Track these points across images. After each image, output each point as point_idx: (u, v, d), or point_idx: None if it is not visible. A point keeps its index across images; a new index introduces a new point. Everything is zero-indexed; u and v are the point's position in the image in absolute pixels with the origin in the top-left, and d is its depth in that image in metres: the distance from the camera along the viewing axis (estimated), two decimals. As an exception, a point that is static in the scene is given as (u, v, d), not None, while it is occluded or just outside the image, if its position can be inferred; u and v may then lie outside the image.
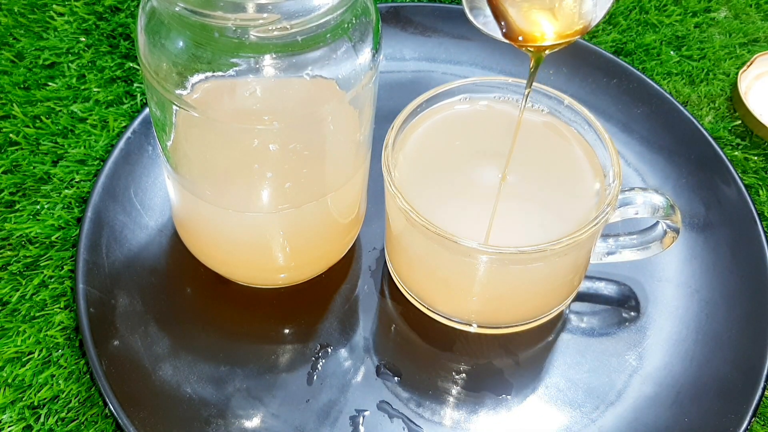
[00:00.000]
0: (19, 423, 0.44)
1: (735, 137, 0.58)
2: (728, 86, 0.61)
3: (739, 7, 0.66)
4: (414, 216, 0.41)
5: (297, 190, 0.42)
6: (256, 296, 0.48)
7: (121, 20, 0.63)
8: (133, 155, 0.52)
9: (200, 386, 0.44)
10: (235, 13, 0.34)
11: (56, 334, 0.47)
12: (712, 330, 0.47)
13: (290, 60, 0.36)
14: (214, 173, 0.42)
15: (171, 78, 0.37)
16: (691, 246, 0.50)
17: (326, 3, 0.35)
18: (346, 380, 0.45)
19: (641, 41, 0.63)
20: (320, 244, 0.46)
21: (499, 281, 0.43)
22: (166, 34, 0.37)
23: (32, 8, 0.63)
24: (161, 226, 0.50)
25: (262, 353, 0.46)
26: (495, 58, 0.59)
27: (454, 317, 0.46)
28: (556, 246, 0.40)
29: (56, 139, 0.56)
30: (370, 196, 0.49)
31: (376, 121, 0.44)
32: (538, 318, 0.47)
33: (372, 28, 0.39)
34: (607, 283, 0.49)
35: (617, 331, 0.47)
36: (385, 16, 0.60)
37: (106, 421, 0.44)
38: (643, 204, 0.44)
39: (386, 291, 0.49)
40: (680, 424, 0.44)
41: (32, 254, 0.50)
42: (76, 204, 0.52)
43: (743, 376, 0.45)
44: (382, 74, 0.57)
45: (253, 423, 0.43)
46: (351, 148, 0.42)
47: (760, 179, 0.55)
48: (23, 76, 0.59)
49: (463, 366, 0.46)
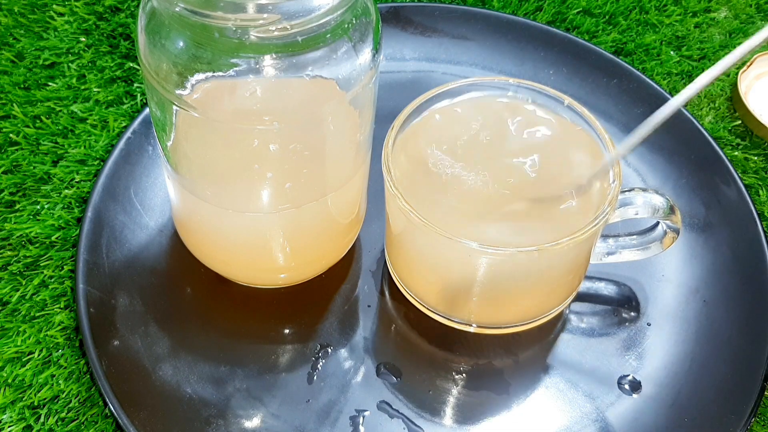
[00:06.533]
0: (19, 423, 0.44)
1: (735, 137, 0.58)
2: (728, 86, 0.61)
3: (739, 7, 0.66)
4: (414, 216, 0.41)
5: (297, 191, 0.42)
6: (256, 296, 0.48)
7: (121, 20, 0.63)
8: (133, 155, 0.52)
9: (200, 386, 0.44)
10: (235, 13, 0.34)
11: (56, 334, 0.47)
12: (712, 330, 0.47)
13: (290, 60, 0.36)
14: (214, 173, 0.42)
15: (171, 78, 0.37)
16: (691, 246, 0.50)
17: (326, 3, 0.35)
18: (346, 380, 0.45)
19: (641, 41, 0.63)
20: (320, 244, 0.46)
21: (499, 281, 0.43)
22: (167, 35, 0.37)
23: (32, 8, 0.63)
24: (161, 226, 0.50)
25: (262, 353, 0.46)
26: (495, 58, 0.59)
27: (454, 317, 0.46)
28: (556, 246, 0.40)
29: (56, 139, 0.55)
30: (370, 196, 0.49)
31: (376, 121, 0.44)
32: (538, 318, 0.47)
33: (372, 28, 0.39)
34: (607, 283, 0.49)
35: (617, 331, 0.47)
36: (385, 16, 0.60)
37: (106, 421, 0.44)
38: (643, 204, 0.44)
39: (386, 291, 0.49)
40: (680, 424, 0.44)
41: (32, 254, 0.50)
42: (76, 204, 0.52)
43: (743, 376, 0.45)
44: (382, 74, 0.57)
45: (253, 423, 0.43)
46: (351, 148, 0.42)
47: (760, 179, 0.55)
48: (23, 76, 0.59)
49: (463, 366, 0.46)
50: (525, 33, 0.60)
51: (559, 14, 0.64)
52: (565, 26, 0.64)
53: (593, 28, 0.64)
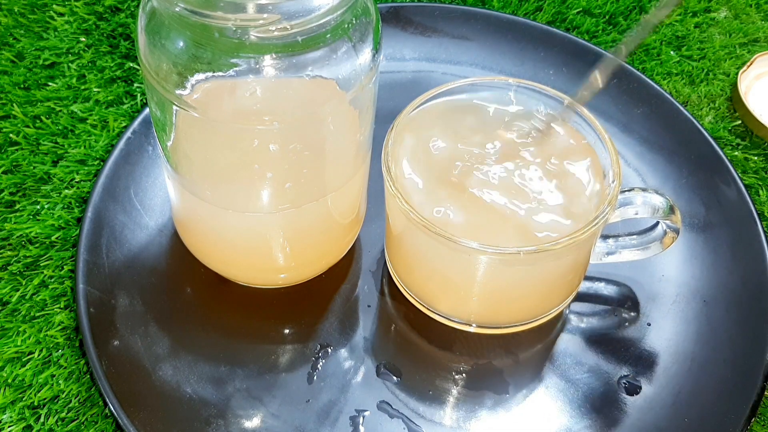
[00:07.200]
0: (19, 423, 0.44)
1: (735, 137, 0.58)
2: (728, 86, 0.61)
3: (739, 7, 0.66)
4: (414, 216, 0.41)
5: (297, 191, 0.42)
6: (256, 296, 0.48)
7: (121, 20, 0.63)
8: (133, 155, 0.52)
9: (200, 386, 0.44)
10: (235, 13, 0.34)
11: (56, 334, 0.47)
12: (711, 330, 0.47)
13: (290, 60, 0.36)
14: (214, 173, 0.42)
15: (171, 78, 0.37)
16: (691, 246, 0.50)
17: (326, 3, 0.35)
18: (346, 380, 0.45)
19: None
20: (320, 244, 0.46)
21: (499, 281, 0.43)
22: (167, 35, 0.37)
23: (32, 8, 0.63)
24: (161, 226, 0.50)
25: (262, 353, 0.46)
26: (495, 58, 0.59)
27: (454, 317, 0.46)
28: (556, 246, 0.40)
29: (56, 139, 0.55)
30: (370, 196, 0.49)
31: (376, 121, 0.44)
32: (538, 318, 0.47)
33: (372, 29, 0.39)
34: (607, 283, 0.49)
35: (617, 331, 0.47)
36: (385, 16, 0.60)
37: (106, 421, 0.44)
38: (642, 204, 0.44)
39: (386, 291, 0.49)
40: (680, 424, 0.44)
41: (32, 254, 0.50)
42: (76, 204, 0.52)
43: (743, 376, 0.45)
44: (382, 74, 0.57)
45: (253, 423, 0.43)
46: (351, 148, 0.42)
47: (760, 179, 0.55)
48: (23, 76, 0.59)
49: (463, 366, 0.46)
50: (525, 33, 0.60)
51: (559, 14, 0.64)
52: (565, 26, 0.64)
53: (593, 28, 0.64)
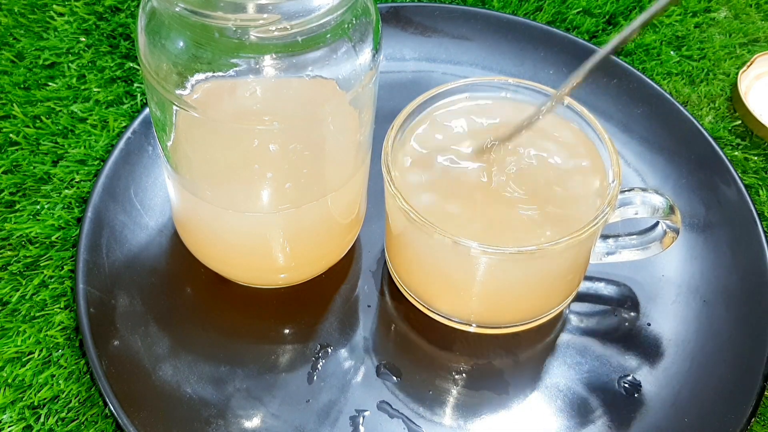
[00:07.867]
0: (19, 423, 0.44)
1: (735, 137, 0.58)
2: (728, 86, 0.61)
3: (739, 7, 0.66)
4: (414, 216, 0.41)
5: (297, 191, 0.42)
6: (256, 296, 0.48)
7: (121, 20, 0.63)
8: (133, 155, 0.52)
9: (200, 386, 0.44)
10: (235, 13, 0.34)
11: (56, 334, 0.47)
12: (711, 330, 0.47)
13: (290, 60, 0.36)
14: (214, 173, 0.42)
15: (171, 78, 0.37)
16: (691, 246, 0.50)
17: (326, 3, 0.35)
18: (346, 380, 0.45)
19: (641, 41, 0.63)
20: (320, 244, 0.46)
21: (499, 281, 0.43)
22: (167, 35, 0.37)
23: (32, 8, 0.63)
24: (161, 226, 0.50)
25: (262, 353, 0.46)
26: (495, 58, 0.59)
27: (454, 317, 0.46)
28: (556, 246, 0.40)
29: (56, 139, 0.56)
30: (370, 196, 0.49)
31: (376, 121, 0.44)
32: (538, 318, 0.47)
33: (372, 29, 0.39)
34: (607, 283, 0.49)
35: (617, 330, 0.47)
36: (385, 16, 0.60)
37: (106, 421, 0.44)
38: (642, 204, 0.44)
39: (386, 291, 0.49)
40: (680, 424, 0.44)
41: (32, 254, 0.50)
42: (76, 204, 0.52)
43: (743, 375, 0.45)
44: (382, 74, 0.57)
45: (253, 423, 0.43)
46: (351, 148, 0.42)
47: (760, 179, 0.55)
48: (23, 76, 0.59)
49: (463, 366, 0.46)
50: (525, 33, 0.60)
51: (559, 14, 0.64)
52: (565, 26, 0.64)
53: (593, 28, 0.64)
